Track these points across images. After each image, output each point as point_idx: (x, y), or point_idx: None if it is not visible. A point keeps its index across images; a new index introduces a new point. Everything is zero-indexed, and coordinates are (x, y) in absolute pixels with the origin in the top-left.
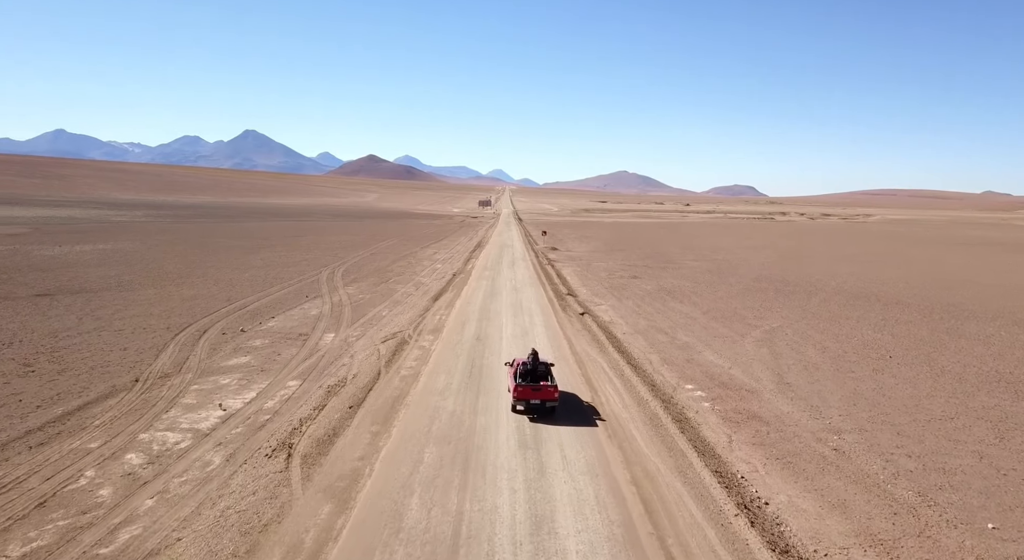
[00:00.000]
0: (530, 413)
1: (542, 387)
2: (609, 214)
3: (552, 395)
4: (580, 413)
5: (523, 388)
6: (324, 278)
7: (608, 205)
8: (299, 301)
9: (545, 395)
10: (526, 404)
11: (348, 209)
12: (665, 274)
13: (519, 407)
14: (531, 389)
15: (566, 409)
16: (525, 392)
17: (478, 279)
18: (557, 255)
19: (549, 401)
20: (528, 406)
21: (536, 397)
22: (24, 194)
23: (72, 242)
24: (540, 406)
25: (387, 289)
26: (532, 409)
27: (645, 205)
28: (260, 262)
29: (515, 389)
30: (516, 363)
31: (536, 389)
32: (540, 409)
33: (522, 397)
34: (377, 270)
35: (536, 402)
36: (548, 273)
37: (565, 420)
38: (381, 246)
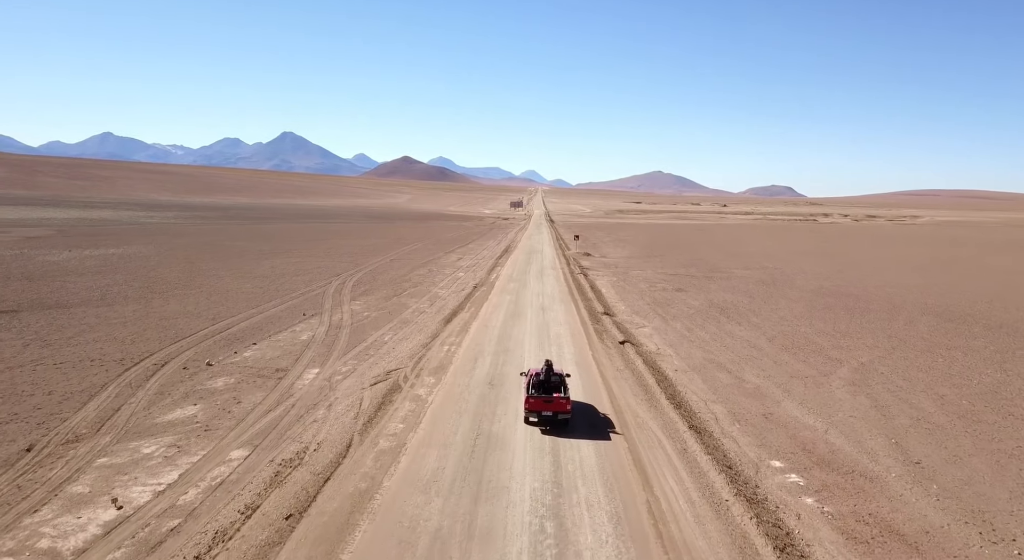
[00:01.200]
0: (542, 425)
1: (554, 399)
2: (644, 215)
3: (564, 407)
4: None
5: (535, 400)
6: (332, 290)
7: (642, 206)
8: (293, 320)
9: (557, 407)
10: (538, 416)
11: (379, 211)
12: (712, 286)
13: (532, 419)
14: (543, 401)
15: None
16: (537, 404)
17: (501, 293)
18: (590, 261)
19: (561, 413)
20: (540, 418)
21: (548, 409)
22: (66, 195)
23: (85, 246)
24: (552, 418)
25: (397, 305)
26: (544, 421)
27: (681, 206)
28: (268, 270)
29: (527, 401)
30: (530, 373)
31: (548, 401)
32: (552, 421)
33: (534, 409)
34: (392, 280)
35: (548, 414)
36: (580, 285)
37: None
38: (403, 251)
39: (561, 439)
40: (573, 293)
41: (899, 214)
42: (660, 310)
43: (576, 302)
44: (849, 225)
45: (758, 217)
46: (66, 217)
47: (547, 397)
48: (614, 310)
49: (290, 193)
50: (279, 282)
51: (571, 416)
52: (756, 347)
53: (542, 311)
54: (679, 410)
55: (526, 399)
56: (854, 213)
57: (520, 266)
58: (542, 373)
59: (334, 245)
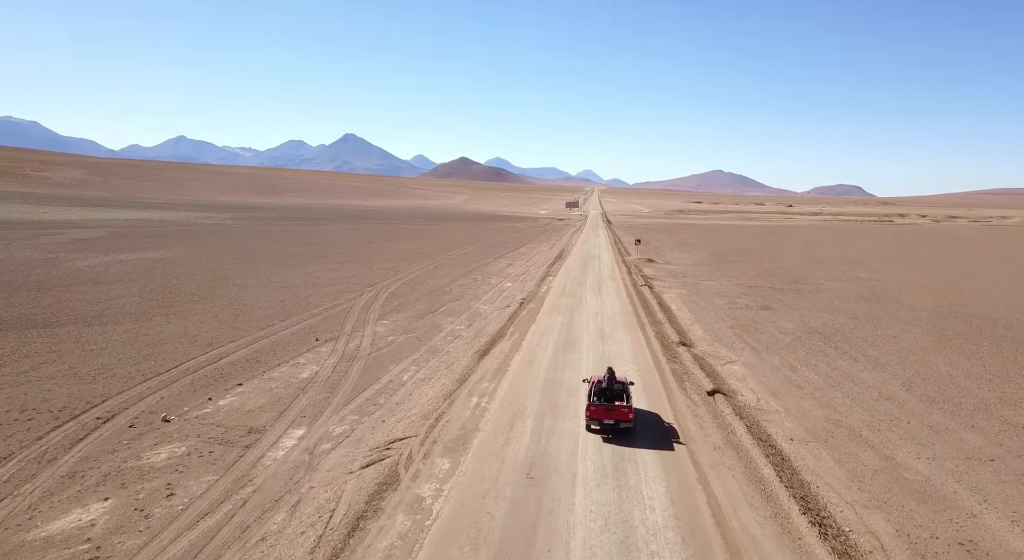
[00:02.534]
0: (603, 433)
1: (616, 407)
2: (706, 216)
3: (626, 416)
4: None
5: (596, 408)
6: (360, 305)
7: (703, 206)
8: (302, 347)
9: (619, 415)
10: (600, 424)
11: (433, 212)
12: (803, 302)
13: (593, 427)
14: (604, 409)
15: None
16: (598, 412)
17: (551, 312)
18: (654, 269)
19: (623, 422)
20: (602, 426)
21: (610, 417)
22: (136, 196)
23: (125, 249)
24: (614, 426)
25: (430, 325)
26: (606, 429)
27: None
28: (300, 279)
29: (588, 408)
30: (592, 380)
31: (610, 409)
32: (614, 429)
33: (595, 416)
34: (431, 292)
35: (610, 422)
36: (646, 300)
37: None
38: (451, 256)
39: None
40: (638, 312)
41: (983, 214)
42: (748, 337)
43: (643, 326)
44: (931, 226)
45: (828, 218)
46: (128, 218)
47: (609, 405)
48: (691, 337)
49: (349, 194)
50: (306, 294)
51: (632, 424)
52: (891, 399)
53: (601, 339)
54: (818, 531)
55: (587, 406)
56: (932, 213)
57: (575, 275)
58: (604, 380)
59: (379, 249)
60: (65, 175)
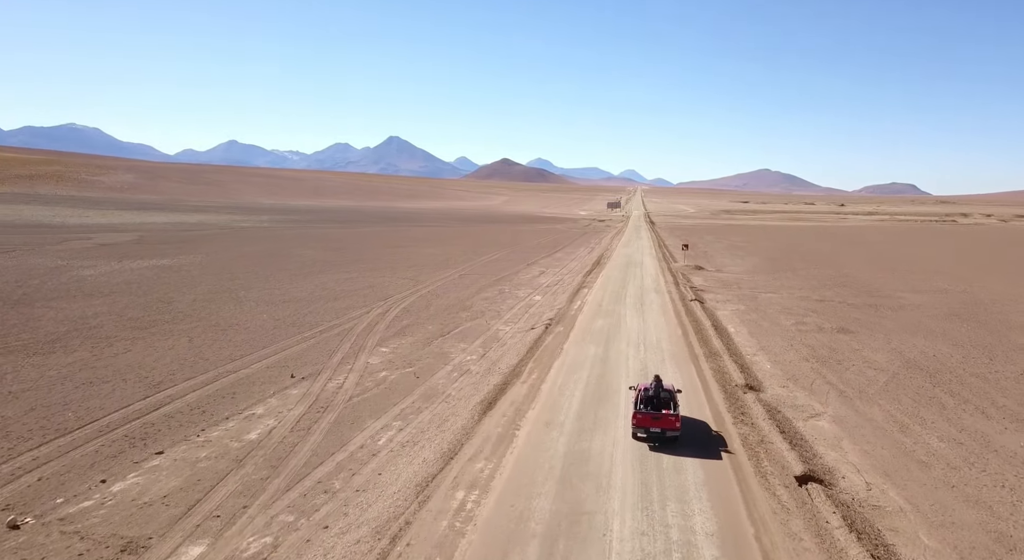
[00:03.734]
0: (650, 442)
1: (663, 416)
2: (754, 216)
3: (673, 424)
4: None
5: (643, 416)
6: (364, 325)
7: (751, 205)
8: (269, 388)
9: (665, 424)
10: (646, 432)
11: (471, 213)
12: (886, 322)
13: (640, 434)
14: (651, 417)
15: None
16: (645, 420)
17: (582, 340)
18: (704, 278)
19: (670, 431)
20: (648, 434)
21: (656, 426)
22: (179, 199)
23: (141, 256)
24: (660, 435)
25: (435, 355)
26: (652, 437)
27: (793, 205)
28: (309, 290)
29: (635, 416)
30: (640, 388)
31: (656, 418)
32: (660, 438)
33: (641, 424)
34: (448, 308)
35: (656, 431)
36: (698, 322)
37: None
38: (479, 262)
39: None
40: (689, 339)
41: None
42: (830, 373)
43: (696, 359)
44: (1000, 227)
45: (884, 218)
46: (166, 221)
47: (655, 413)
48: (757, 374)
49: (390, 196)
50: (308, 310)
51: (679, 432)
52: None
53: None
54: None
55: (634, 414)
56: (998, 213)
57: (613, 287)
58: (651, 388)
59: (406, 254)
60: (117, 179)
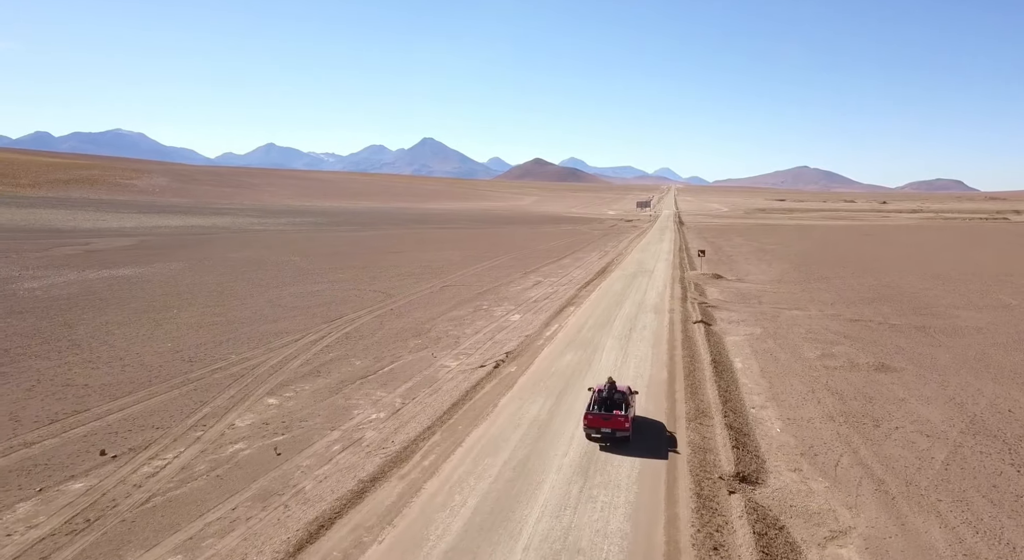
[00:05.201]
0: (602, 442)
1: (613, 416)
2: (790, 215)
3: (622, 425)
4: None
5: (593, 417)
6: (279, 359)
7: (787, 204)
8: (52, 475)
9: (615, 424)
10: (597, 432)
11: (495, 214)
12: (939, 353)
13: (593, 435)
14: (601, 418)
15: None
16: (595, 421)
17: (532, 388)
18: (721, 289)
19: (619, 431)
20: (600, 435)
21: (606, 426)
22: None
23: (112, 264)
24: (611, 435)
25: (333, 412)
26: (604, 438)
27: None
28: (253, 309)
29: (586, 417)
30: (596, 389)
31: (607, 418)
32: (611, 438)
33: (592, 425)
34: (400, 333)
35: (607, 431)
36: (695, 358)
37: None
38: (475, 270)
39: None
40: (674, 386)
41: None
42: (864, 445)
43: (676, 421)
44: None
45: (929, 216)
46: (178, 224)
47: (606, 414)
48: (759, 446)
49: (418, 197)
50: (228, 336)
51: (629, 433)
52: None
53: (583, 477)
54: None
55: (585, 415)
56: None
57: (607, 303)
58: (605, 389)
59: (400, 261)
60: (150, 182)
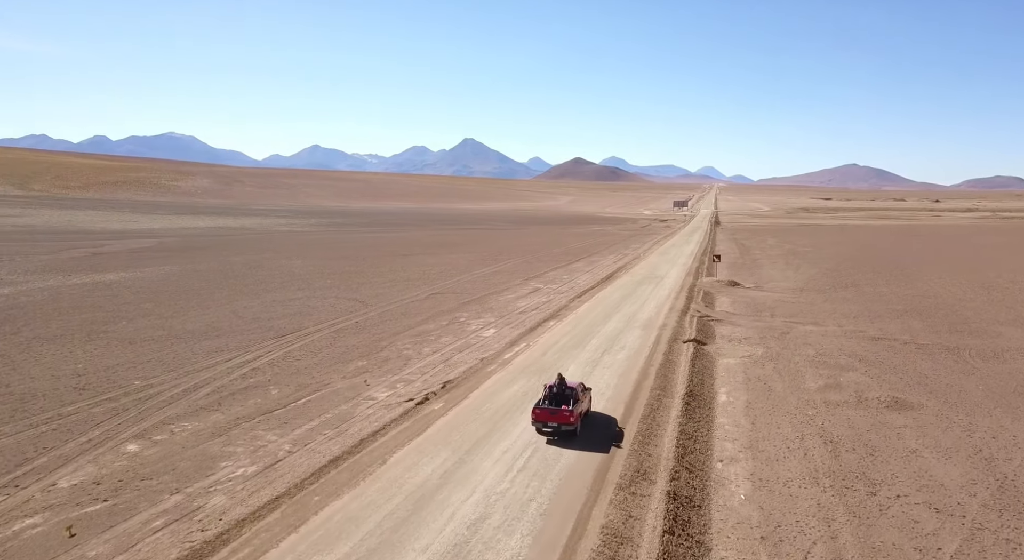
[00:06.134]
0: (550, 435)
1: (559, 411)
2: (834, 214)
3: (567, 419)
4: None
5: (541, 411)
6: (191, 385)
7: (832, 202)
8: None
9: (560, 419)
10: (545, 426)
11: (524, 215)
12: (972, 386)
13: (543, 429)
14: (548, 413)
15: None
16: (543, 415)
17: (447, 434)
18: (733, 300)
19: (565, 425)
20: (548, 428)
21: (553, 420)
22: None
23: (104, 269)
24: (557, 429)
25: (195, 464)
26: (553, 432)
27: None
28: (209, 321)
29: (534, 412)
30: (547, 385)
31: (553, 413)
32: (558, 432)
33: (539, 419)
34: (348, 351)
35: (553, 425)
36: (667, 389)
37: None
38: (474, 275)
39: None
40: (627, 435)
41: None
42: (849, 531)
43: (597, 494)
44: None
45: (985, 215)
46: (204, 226)
47: (553, 409)
48: (712, 540)
49: (454, 198)
50: (157, 354)
51: (575, 426)
52: None
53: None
54: None
55: (533, 410)
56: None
57: (597, 315)
58: (555, 385)
59: (403, 264)
60: (194, 184)
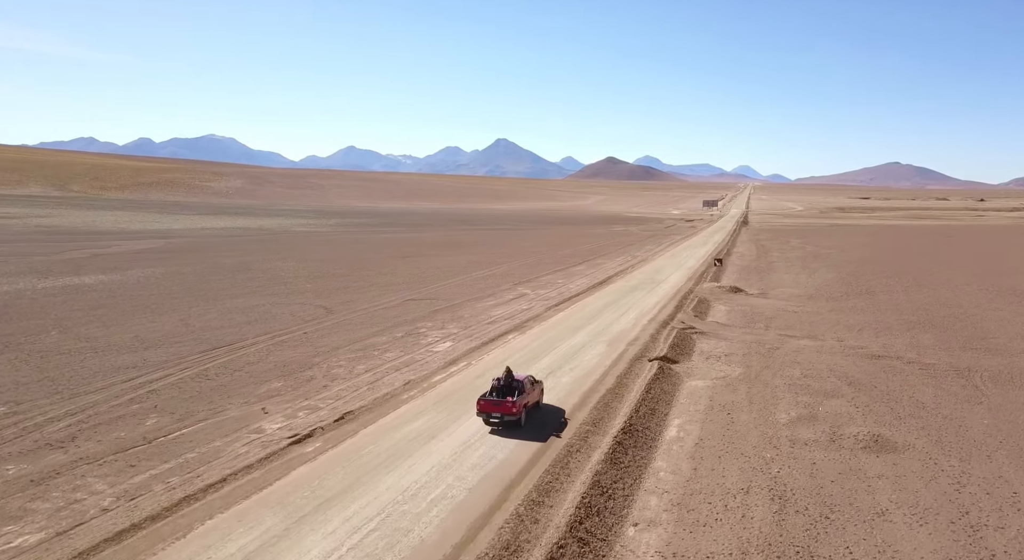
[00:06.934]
0: (496, 426)
1: (502, 402)
2: (870, 214)
3: (509, 410)
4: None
5: (485, 403)
6: (56, 415)
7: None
8: None
9: (503, 410)
10: (490, 417)
11: (549, 215)
12: (976, 421)
13: (490, 419)
14: (492, 404)
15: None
16: (486, 406)
17: (286, 498)
18: (730, 309)
19: (507, 416)
20: (494, 419)
21: (496, 411)
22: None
23: (90, 271)
24: (501, 419)
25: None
26: (499, 422)
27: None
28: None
29: (478, 403)
30: (496, 378)
31: (496, 404)
32: (502, 422)
33: (484, 410)
34: (268, 372)
35: (497, 416)
36: (603, 422)
37: None
38: (463, 279)
39: None
40: (509, 497)
41: None
42: None
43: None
44: None
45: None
46: (223, 226)
47: (497, 400)
48: None
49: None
50: (67, 370)
51: (519, 417)
52: None
53: None
54: None
55: (478, 400)
56: None
57: (565, 327)
58: (502, 378)
59: (397, 267)
60: (226, 185)
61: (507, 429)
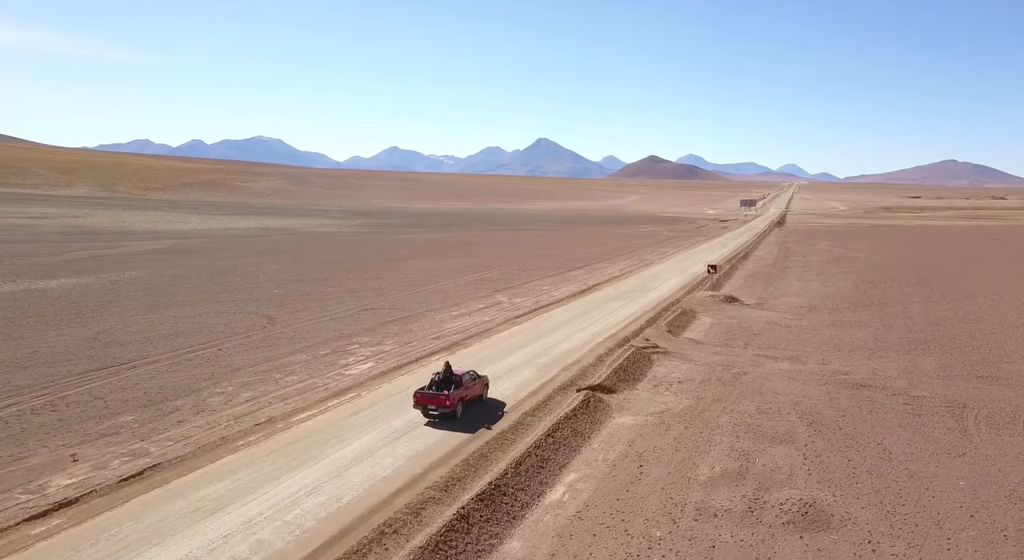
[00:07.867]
0: (434, 418)
1: (437, 396)
2: (918, 214)
3: (443, 403)
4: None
5: (421, 395)
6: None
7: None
8: None
9: (438, 402)
10: (428, 409)
11: (580, 214)
12: (955, 483)
13: (431, 412)
14: (428, 396)
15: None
16: (423, 399)
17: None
18: (717, 320)
19: (441, 408)
20: (432, 411)
21: (432, 403)
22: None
23: (67, 273)
24: (435, 411)
25: None
26: (437, 414)
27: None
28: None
29: (414, 395)
30: (435, 373)
31: (432, 397)
32: (438, 414)
33: (420, 403)
34: (132, 400)
35: (432, 408)
36: (456, 488)
37: None
38: (445, 285)
39: None
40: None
41: None
42: None
43: None
44: None
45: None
46: (248, 226)
47: (432, 393)
48: None
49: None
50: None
51: (454, 409)
52: None
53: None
54: None
55: (415, 393)
56: None
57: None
58: (441, 373)
59: (384, 270)
60: (265, 185)
61: (442, 420)
